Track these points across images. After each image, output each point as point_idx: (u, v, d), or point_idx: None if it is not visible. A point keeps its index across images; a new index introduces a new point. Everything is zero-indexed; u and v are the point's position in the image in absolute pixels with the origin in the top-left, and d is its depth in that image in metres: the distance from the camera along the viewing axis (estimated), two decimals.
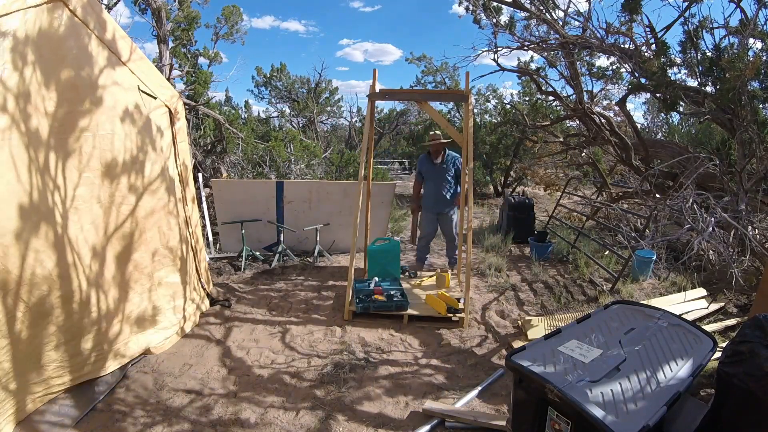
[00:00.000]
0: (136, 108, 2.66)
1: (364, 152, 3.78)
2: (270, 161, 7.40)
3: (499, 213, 6.65)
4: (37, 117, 2.04)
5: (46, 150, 2.11)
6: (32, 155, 2.03)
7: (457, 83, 12.72)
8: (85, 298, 2.37)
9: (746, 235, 2.79)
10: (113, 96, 2.48)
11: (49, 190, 2.14)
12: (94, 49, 2.34)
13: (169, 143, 3.04)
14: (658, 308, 2.31)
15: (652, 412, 1.51)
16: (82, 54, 2.28)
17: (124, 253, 2.65)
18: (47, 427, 2.12)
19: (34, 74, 2.01)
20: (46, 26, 2.04)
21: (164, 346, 2.94)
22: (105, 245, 2.50)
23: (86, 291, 2.38)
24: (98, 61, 2.37)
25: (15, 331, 2.00)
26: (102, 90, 2.40)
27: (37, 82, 2.03)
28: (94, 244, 2.43)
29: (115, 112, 2.51)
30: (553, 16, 4.50)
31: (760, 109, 3.25)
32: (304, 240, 5.14)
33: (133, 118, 2.64)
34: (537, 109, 6.38)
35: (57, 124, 2.16)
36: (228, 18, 7.98)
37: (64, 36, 2.15)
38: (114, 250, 2.57)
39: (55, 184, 2.18)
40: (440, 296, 3.56)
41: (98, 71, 2.38)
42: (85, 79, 2.30)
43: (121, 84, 2.54)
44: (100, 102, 2.39)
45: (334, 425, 2.23)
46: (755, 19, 3.20)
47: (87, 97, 2.32)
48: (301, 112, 14.79)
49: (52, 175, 2.16)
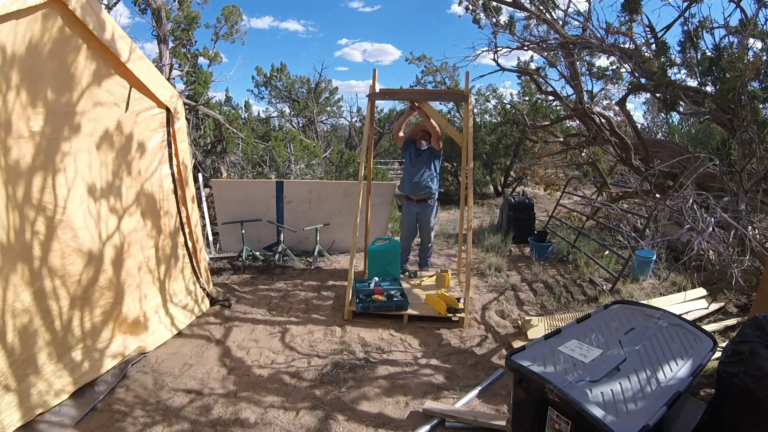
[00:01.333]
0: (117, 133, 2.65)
1: (364, 152, 3.78)
2: (270, 161, 7.40)
3: (499, 213, 6.65)
4: None
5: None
6: None
7: (457, 83, 12.71)
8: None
9: (746, 235, 2.79)
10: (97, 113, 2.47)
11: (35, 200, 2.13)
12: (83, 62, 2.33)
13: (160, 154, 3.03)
14: (658, 308, 2.31)
15: (652, 412, 1.51)
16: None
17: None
18: (47, 426, 2.12)
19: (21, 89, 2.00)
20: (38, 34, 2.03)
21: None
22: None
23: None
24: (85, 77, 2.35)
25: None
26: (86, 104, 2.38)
27: (21, 106, 2.01)
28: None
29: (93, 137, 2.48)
30: (553, 15, 4.50)
31: (760, 109, 3.25)
32: (304, 240, 5.14)
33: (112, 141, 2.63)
34: (537, 109, 6.37)
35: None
36: (228, 18, 7.98)
37: (45, 57, 2.13)
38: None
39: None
40: (440, 296, 3.56)
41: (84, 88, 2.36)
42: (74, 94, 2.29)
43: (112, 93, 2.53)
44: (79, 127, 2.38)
45: (333, 425, 2.23)
46: (755, 19, 3.20)
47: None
48: (301, 112, 14.79)
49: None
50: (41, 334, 2.18)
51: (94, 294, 2.51)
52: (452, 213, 8.25)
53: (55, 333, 2.26)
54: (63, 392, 2.26)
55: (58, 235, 2.26)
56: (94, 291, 2.50)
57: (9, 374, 2.00)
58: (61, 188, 2.27)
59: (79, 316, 2.42)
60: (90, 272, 2.46)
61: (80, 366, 2.39)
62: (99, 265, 2.52)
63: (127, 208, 2.75)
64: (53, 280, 2.24)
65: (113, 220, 2.65)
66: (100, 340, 2.56)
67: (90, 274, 2.47)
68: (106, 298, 2.59)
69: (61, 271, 2.29)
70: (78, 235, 2.37)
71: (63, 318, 2.31)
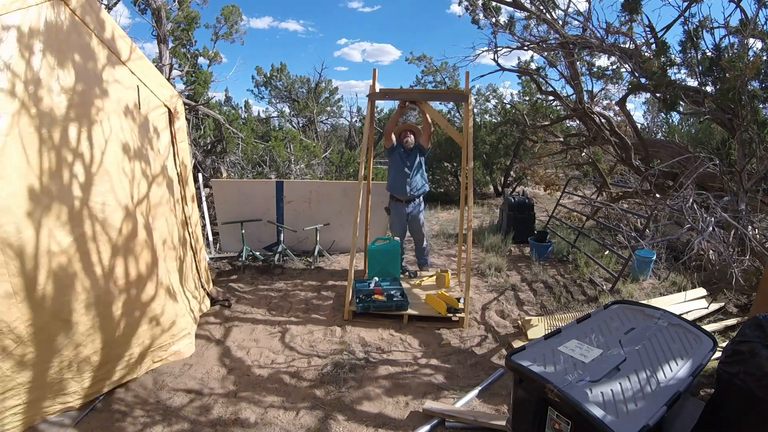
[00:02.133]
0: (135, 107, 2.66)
1: (364, 152, 3.78)
2: (270, 161, 7.41)
3: (499, 213, 6.65)
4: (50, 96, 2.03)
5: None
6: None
7: (457, 83, 12.69)
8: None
9: (746, 234, 2.79)
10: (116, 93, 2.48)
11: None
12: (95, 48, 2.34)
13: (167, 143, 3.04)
14: (658, 308, 2.31)
15: (652, 412, 1.51)
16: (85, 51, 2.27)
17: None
18: (47, 426, 2.12)
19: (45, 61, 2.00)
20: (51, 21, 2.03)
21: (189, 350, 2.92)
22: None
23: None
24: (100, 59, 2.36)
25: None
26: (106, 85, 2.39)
27: (49, 66, 2.01)
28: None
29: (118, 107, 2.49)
30: (553, 15, 4.50)
31: (760, 109, 3.25)
32: (304, 240, 5.14)
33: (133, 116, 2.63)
34: (537, 109, 6.37)
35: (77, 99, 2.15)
36: (227, 18, 7.98)
37: (66, 31, 2.14)
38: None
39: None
40: (440, 296, 3.56)
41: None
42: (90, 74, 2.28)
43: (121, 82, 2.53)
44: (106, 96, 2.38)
45: (333, 425, 2.23)
46: (755, 18, 3.20)
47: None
48: (301, 112, 14.77)
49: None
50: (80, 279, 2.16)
51: (136, 247, 2.48)
52: (452, 213, 8.25)
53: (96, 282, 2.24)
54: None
55: (96, 182, 2.25)
56: (135, 244, 2.47)
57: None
58: (98, 138, 2.26)
59: (123, 267, 2.40)
60: (129, 227, 2.44)
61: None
62: (134, 223, 2.48)
63: (155, 177, 2.77)
64: (94, 225, 2.23)
65: (144, 185, 2.64)
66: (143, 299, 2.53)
67: (129, 229, 2.44)
68: (145, 257, 2.55)
69: (102, 221, 2.26)
70: (115, 187, 2.36)
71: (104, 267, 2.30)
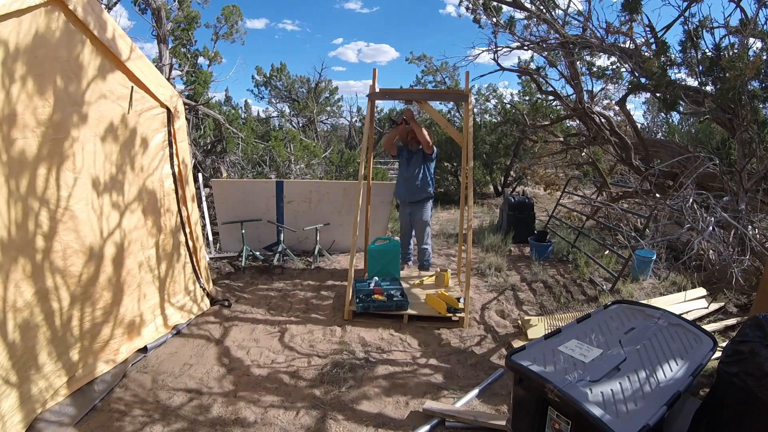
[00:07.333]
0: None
1: (364, 152, 3.78)
2: (270, 161, 7.41)
3: (499, 213, 6.64)
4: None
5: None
6: None
7: (457, 83, 12.70)
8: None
9: (746, 234, 2.79)
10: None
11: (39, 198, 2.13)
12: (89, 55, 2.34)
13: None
14: (658, 308, 2.31)
15: (652, 412, 1.51)
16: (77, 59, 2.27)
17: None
18: (46, 425, 2.11)
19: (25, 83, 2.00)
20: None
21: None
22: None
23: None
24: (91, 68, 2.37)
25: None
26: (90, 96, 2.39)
27: (27, 96, 2.01)
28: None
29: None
30: (552, 15, 4.50)
31: (760, 109, 3.24)
32: (304, 240, 5.14)
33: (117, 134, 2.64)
34: (537, 109, 6.36)
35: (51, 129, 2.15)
36: (228, 18, 7.98)
37: (55, 46, 2.14)
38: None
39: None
40: (440, 296, 3.55)
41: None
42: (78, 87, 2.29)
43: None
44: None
45: (333, 425, 2.23)
46: (755, 18, 3.19)
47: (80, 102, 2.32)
48: (301, 111, 14.77)
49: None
50: (42, 331, 2.18)
51: (95, 293, 2.51)
52: (452, 213, 8.25)
53: (55, 331, 2.26)
54: (61, 391, 2.26)
55: (60, 231, 2.25)
56: (95, 290, 2.50)
57: (11, 371, 2.01)
58: (67, 178, 2.27)
59: (79, 315, 2.41)
60: (91, 270, 2.46)
61: (77, 366, 2.39)
62: (99, 263, 2.52)
63: (129, 205, 2.75)
64: (54, 277, 2.24)
65: (115, 216, 2.64)
66: (98, 340, 2.56)
67: (91, 272, 2.46)
68: (105, 298, 2.58)
69: (63, 269, 2.28)
70: (80, 229, 2.37)
71: (63, 316, 2.31)
